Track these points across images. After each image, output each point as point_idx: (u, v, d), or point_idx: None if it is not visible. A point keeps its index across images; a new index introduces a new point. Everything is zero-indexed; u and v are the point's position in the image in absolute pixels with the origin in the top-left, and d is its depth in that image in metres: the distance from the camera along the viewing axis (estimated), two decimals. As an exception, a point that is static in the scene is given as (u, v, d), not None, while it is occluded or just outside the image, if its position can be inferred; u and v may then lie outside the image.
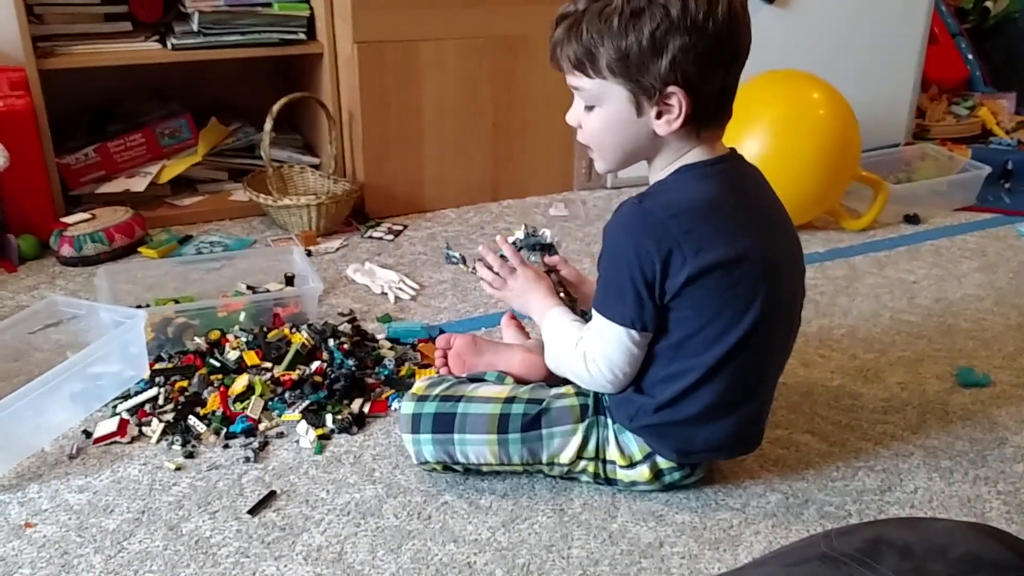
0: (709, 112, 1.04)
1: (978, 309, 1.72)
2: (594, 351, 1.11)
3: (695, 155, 1.08)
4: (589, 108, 1.08)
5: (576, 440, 1.16)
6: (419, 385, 1.23)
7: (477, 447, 1.16)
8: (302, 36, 2.06)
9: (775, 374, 1.18)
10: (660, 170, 1.10)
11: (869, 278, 1.85)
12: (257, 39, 2.02)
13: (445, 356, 1.37)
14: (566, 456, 1.16)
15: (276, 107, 1.94)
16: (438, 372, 1.38)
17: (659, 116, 1.03)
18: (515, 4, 2.06)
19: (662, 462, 1.15)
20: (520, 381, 1.28)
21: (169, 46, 1.98)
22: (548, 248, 1.32)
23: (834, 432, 1.33)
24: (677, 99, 1.01)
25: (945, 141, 2.58)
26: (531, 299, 1.24)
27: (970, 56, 2.87)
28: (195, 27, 1.97)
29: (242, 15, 2.00)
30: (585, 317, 1.20)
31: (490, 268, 1.28)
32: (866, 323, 1.66)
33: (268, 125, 1.94)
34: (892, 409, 1.40)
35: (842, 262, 1.92)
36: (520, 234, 1.32)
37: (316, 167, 2.19)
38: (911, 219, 2.14)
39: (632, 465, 1.16)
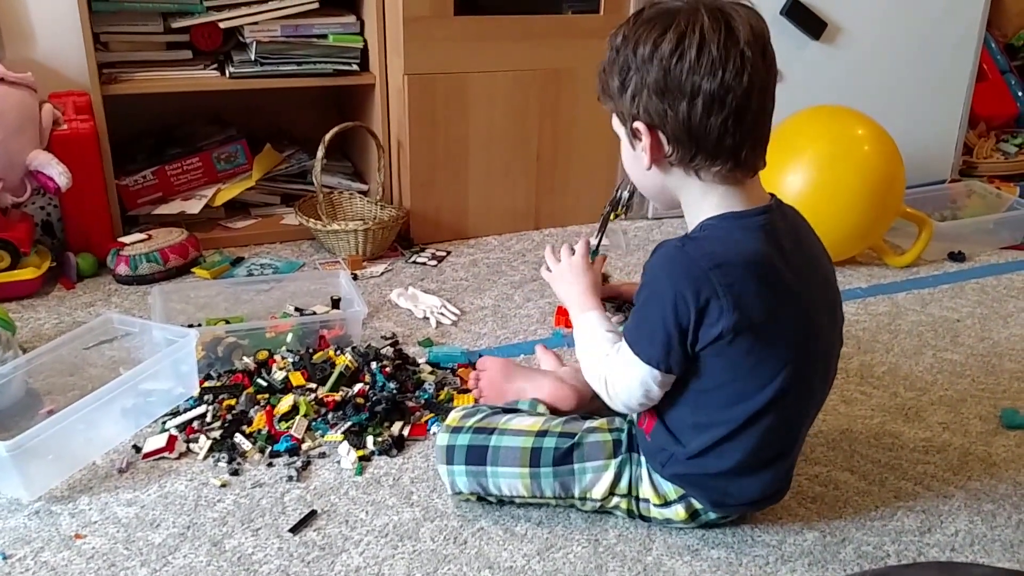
0: (692, 150, 1.02)
1: (1024, 350, 1.70)
2: (615, 378, 1.11)
3: (727, 199, 1.06)
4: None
5: (608, 476, 1.16)
6: (454, 416, 1.25)
7: (509, 480, 1.18)
8: (355, 67, 2.12)
9: (809, 425, 1.17)
10: (688, 209, 1.10)
11: (912, 315, 1.83)
12: (312, 69, 2.08)
13: (479, 379, 1.41)
14: (598, 492, 1.17)
15: (328, 136, 2.00)
16: (473, 392, 1.43)
17: (642, 151, 1.05)
18: (562, 37, 2.10)
19: (697, 504, 1.15)
20: (551, 409, 1.30)
21: (227, 74, 2.05)
22: (622, 207, 1.33)
23: (873, 471, 1.32)
24: (642, 134, 1.04)
25: (992, 179, 2.55)
26: (572, 290, 1.24)
27: (1020, 93, 2.84)
28: (253, 56, 2.04)
29: (298, 46, 2.06)
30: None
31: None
32: (908, 361, 1.65)
33: (320, 153, 1.99)
34: (933, 449, 1.38)
35: (885, 299, 1.91)
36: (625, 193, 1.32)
37: (364, 193, 2.24)
38: (956, 257, 2.11)
39: (667, 504, 1.16)
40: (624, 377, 1.10)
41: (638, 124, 1.04)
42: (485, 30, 2.03)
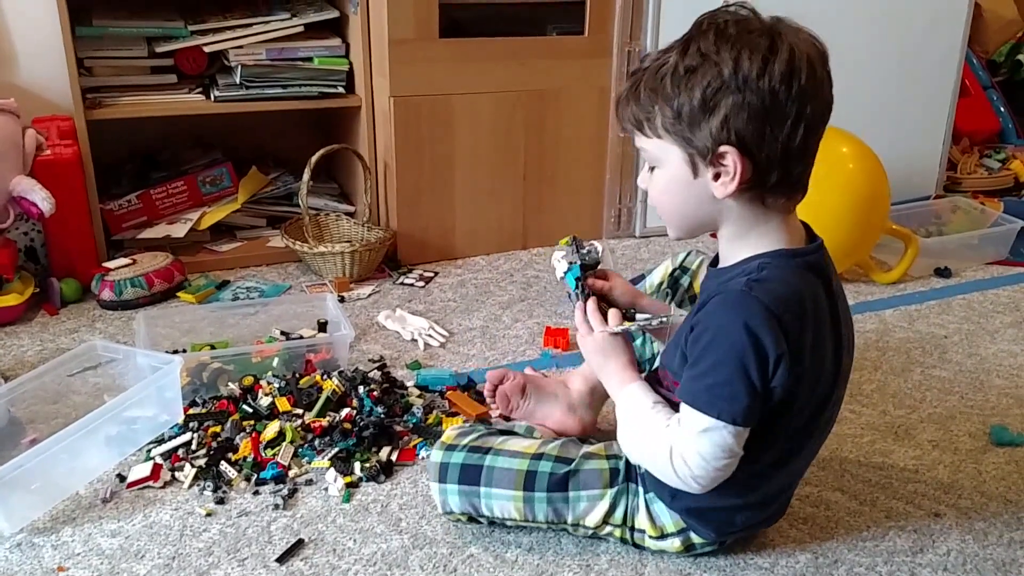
0: (773, 177, 0.97)
1: (1011, 365, 1.70)
2: (689, 451, 1.01)
3: (780, 234, 1.02)
4: (652, 169, 1.05)
5: (604, 505, 1.15)
6: (449, 434, 1.23)
7: (502, 502, 1.16)
8: (341, 90, 2.12)
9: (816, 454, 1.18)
10: (730, 241, 1.04)
11: (899, 332, 1.84)
12: (298, 92, 2.08)
13: (494, 390, 1.40)
14: (592, 520, 1.15)
15: (314, 158, 1.99)
16: (487, 399, 1.42)
17: (716, 178, 0.98)
18: (547, 59, 2.11)
19: (695, 538, 1.14)
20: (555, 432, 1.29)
21: (212, 98, 2.05)
22: (594, 267, 1.20)
23: (864, 490, 1.32)
24: (732, 159, 0.96)
25: (977, 194, 2.57)
26: (608, 365, 1.14)
27: (1002, 108, 2.87)
28: (238, 80, 2.04)
29: (283, 69, 2.06)
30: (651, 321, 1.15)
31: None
32: (897, 378, 1.65)
33: (306, 176, 1.99)
34: (924, 468, 1.38)
35: (872, 315, 1.91)
36: (559, 254, 1.21)
37: (351, 215, 2.23)
38: (942, 272, 2.12)
39: (663, 536, 1.15)
40: (701, 446, 1.00)
41: (726, 148, 0.96)
42: (470, 52, 2.04)
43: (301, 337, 1.70)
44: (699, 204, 1.02)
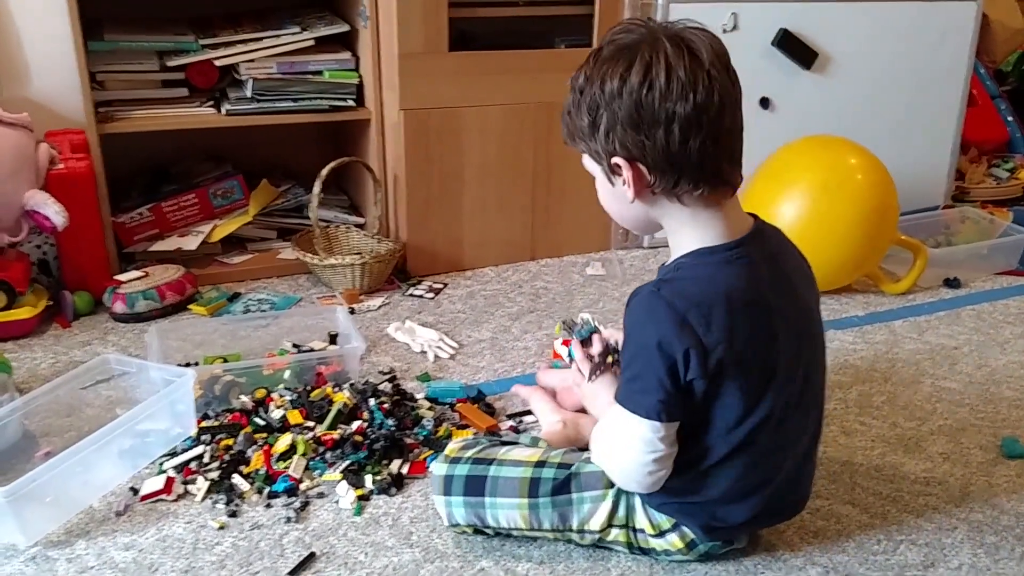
0: (673, 177, 1.02)
1: (1022, 377, 1.70)
2: (617, 448, 1.10)
3: (708, 230, 1.06)
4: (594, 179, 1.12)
5: (606, 506, 1.16)
6: (452, 447, 1.24)
7: (508, 511, 1.17)
8: (351, 103, 2.13)
9: (801, 453, 1.16)
10: (670, 237, 1.10)
11: (909, 343, 1.84)
12: (308, 105, 2.09)
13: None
14: (596, 522, 1.16)
15: (325, 171, 2.00)
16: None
17: (624, 185, 1.05)
18: (555, 71, 2.09)
19: (691, 533, 1.15)
20: None
21: (223, 111, 2.06)
22: (588, 340, 1.32)
23: (875, 503, 1.32)
24: (623, 168, 1.04)
25: (985, 204, 2.57)
26: (597, 405, 1.25)
27: (1010, 118, 2.86)
28: (249, 93, 2.05)
29: (294, 83, 2.07)
30: None
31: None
32: (906, 390, 1.65)
33: (317, 188, 2.00)
34: (934, 480, 1.38)
35: (882, 326, 1.91)
36: (564, 334, 1.35)
37: (361, 227, 2.24)
38: (951, 283, 2.12)
39: (661, 534, 1.16)
40: (626, 441, 1.07)
41: (617, 159, 1.03)
42: (479, 65, 2.05)
43: (312, 350, 1.71)
44: (626, 208, 1.09)
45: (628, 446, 1.08)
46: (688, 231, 1.07)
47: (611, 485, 1.16)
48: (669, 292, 1.04)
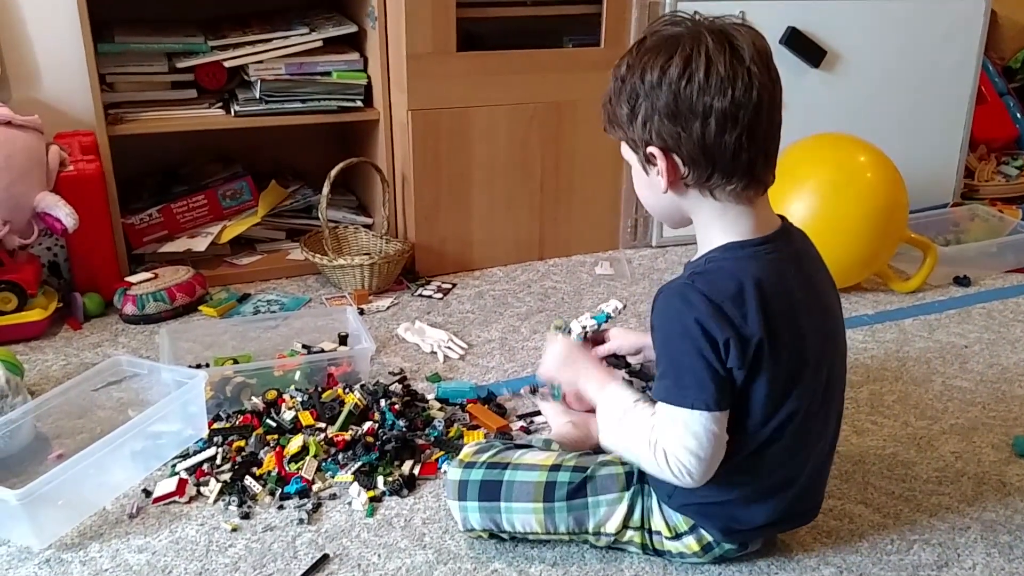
0: (707, 170, 1.03)
1: (1034, 376, 1.69)
2: (674, 445, 1.04)
3: (737, 226, 1.07)
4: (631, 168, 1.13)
5: (622, 509, 1.16)
6: (466, 451, 1.24)
7: (523, 515, 1.17)
8: (359, 104, 2.14)
9: (819, 457, 1.16)
10: (699, 232, 1.11)
11: (919, 342, 1.83)
12: (317, 106, 2.09)
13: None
14: (612, 525, 1.16)
15: (334, 172, 2.00)
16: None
17: (658, 175, 1.06)
18: (563, 71, 2.12)
19: (708, 536, 1.14)
20: None
21: (232, 112, 2.06)
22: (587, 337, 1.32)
23: (888, 503, 1.32)
24: (658, 157, 1.04)
25: (995, 201, 2.56)
26: (580, 370, 1.21)
27: (1019, 115, 2.85)
28: (257, 95, 2.05)
29: (303, 84, 2.08)
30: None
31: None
32: (918, 388, 1.65)
33: (326, 189, 2.00)
34: (947, 480, 1.37)
35: (892, 325, 1.91)
36: (577, 326, 1.31)
37: (369, 227, 2.25)
38: (961, 281, 2.11)
39: (678, 536, 1.15)
40: (685, 439, 1.04)
41: (652, 149, 1.04)
42: (487, 65, 2.05)
43: (322, 351, 1.71)
44: (658, 198, 1.10)
45: (689, 441, 1.03)
46: (718, 226, 1.08)
47: (627, 488, 1.15)
48: (703, 284, 1.04)
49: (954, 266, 2.12)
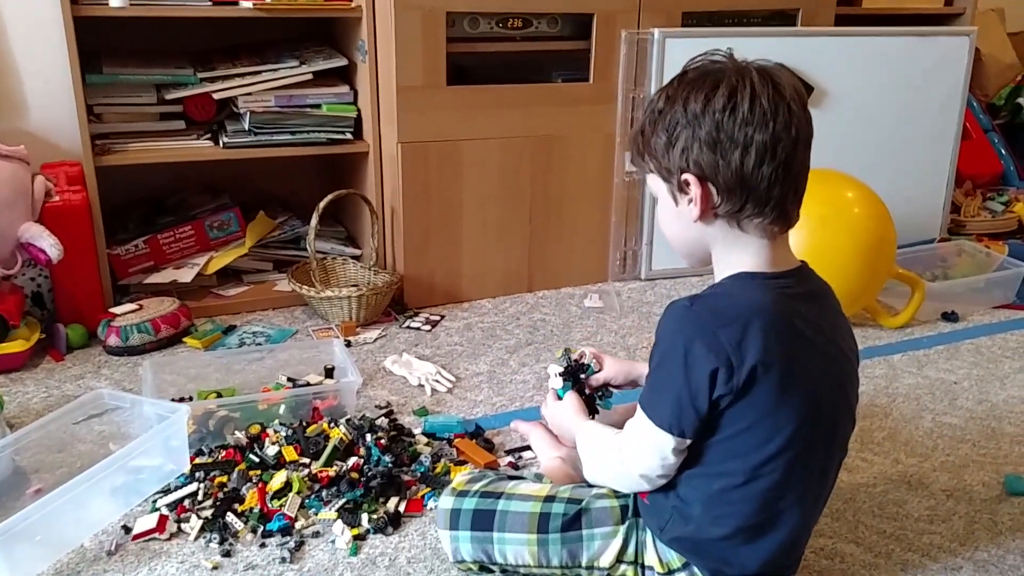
0: (739, 201, 1.04)
1: (1023, 412, 1.69)
2: (630, 448, 1.10)
3: (755, 258, 1.07)
4: (655, 201, 1.14)
5: (617, 543, 1.14)
6: (459, 480, 1.22)
7: (516, 547, 1.15)
8: (349, 136, 2.14)
9: (813, 504, 1.14)
10: (716, 263, 1.11)
11: (908, 378, 1.83)
12: (306, 138, 2.10)
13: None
14: (606, 559, 1.14)
15: (323, 204, 2.00)
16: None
17: (690, 203, 1.07)
18: (552, 106, 2.13)
19: (700, 573, 1.13)
20: None
21: (221, 144, 2.06)
22: (583, 369, 1.34)
23: (879, 542, 1.30)
24: (693, 185, 1.05)
25: (981, 237, 2.57)
26: (565, 421, 1.29)
27: (1003, 151, 2.89)
28: (246, 126, 2.05)
29: (292, 116, 2.08)
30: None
31: None
32: (907, 425, 1.64)
33: (314, 220, 1.99)
34: (938, 518, 1.36)
35: (881, 360, 1.91)
36: (558, 368, 1.34)
37: (358, 259, 2.24)
38: (949, 317, 2.12)
39: (670, 573, 1.13)
40: (639, 445, 1.08)
41: (687, 176, 1.05)
42: (477, 99, 2.06)
43: (308, 384, 1.69)
44: (686, 229, 1.10)
45: (641, 448, 1.08)
46: (736, 256, 1.08)
47: (622, 521, 1.14)
48: (701, 306, 1.05)
49: (942, 302, 2.13)
